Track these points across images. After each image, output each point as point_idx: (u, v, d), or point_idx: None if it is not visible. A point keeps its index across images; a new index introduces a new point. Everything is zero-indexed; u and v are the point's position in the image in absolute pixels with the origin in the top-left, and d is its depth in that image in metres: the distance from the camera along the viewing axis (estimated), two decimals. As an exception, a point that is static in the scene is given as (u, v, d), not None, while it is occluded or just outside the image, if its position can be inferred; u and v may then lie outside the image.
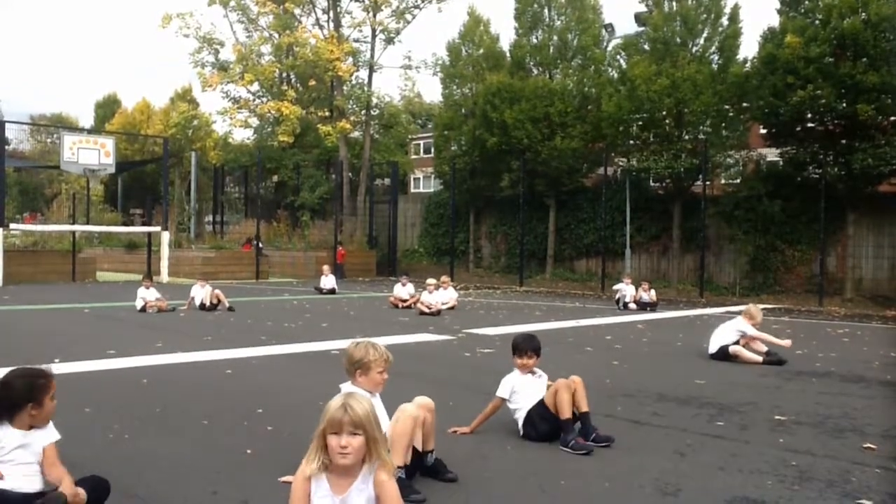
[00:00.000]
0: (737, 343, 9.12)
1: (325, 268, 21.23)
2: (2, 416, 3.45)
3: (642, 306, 16.67)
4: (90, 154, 23.04)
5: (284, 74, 35.82)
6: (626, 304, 16.78)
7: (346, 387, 4.10)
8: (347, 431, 2.83)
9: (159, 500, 3.89)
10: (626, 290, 17.09)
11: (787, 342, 9.19)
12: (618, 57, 26.34)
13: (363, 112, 34.83)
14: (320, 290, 20.13)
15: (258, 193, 30.97)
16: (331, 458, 2.87)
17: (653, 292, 17.27)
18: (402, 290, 16.42)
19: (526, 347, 5.32)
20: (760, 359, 8.89)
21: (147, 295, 14.21)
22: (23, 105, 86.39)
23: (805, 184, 21.87)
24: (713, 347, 9.26)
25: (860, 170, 19.78)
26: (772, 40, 21.27)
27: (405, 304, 15.93)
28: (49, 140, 58.72)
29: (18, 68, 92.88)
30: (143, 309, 13.93)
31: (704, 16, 23.79)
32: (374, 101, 34.95)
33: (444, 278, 16.62)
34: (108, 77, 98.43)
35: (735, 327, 9.26)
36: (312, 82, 34.14)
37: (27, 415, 3.45)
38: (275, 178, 37.69)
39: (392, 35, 34.70)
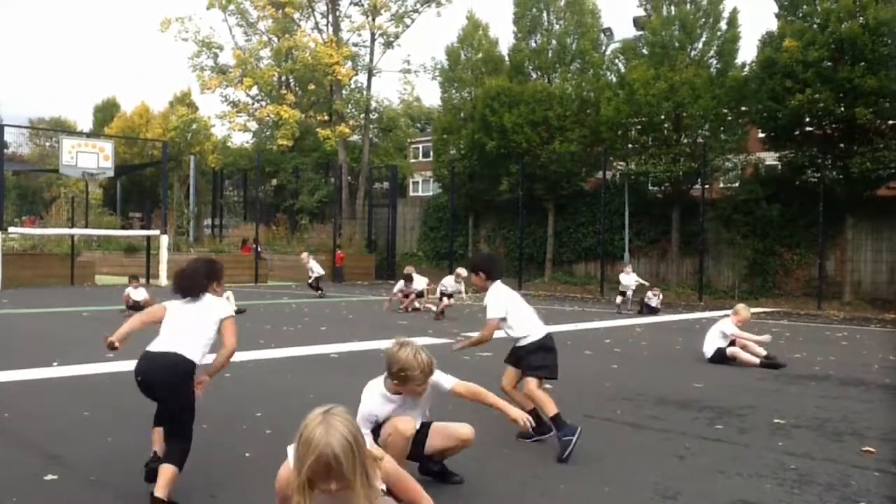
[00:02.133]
0: (731, 343, 9.15)
1: (304, 255, 20.63)
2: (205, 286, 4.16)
3: (647, 309, 16.60)
4: (89, 158, 23.04)
5: (283, 78, 35.86)
6: (628, 300, 16.79)
7: (375, 383, 3.99)
8: (333, 484, 2.54)
9: (158, 503, 3.87)
10: (627, 279, 17.10)
11: (765, 337, 9.35)
12: (616, 61, 26.42)
13: (362, 116, 34.89)
14: (312, 286, 19.95)
15: (257, 197, 30.98)
16: None
17: (661, 296, 17.17)
18: (419, 280, 16.01)
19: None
20: (758, 361, 8.90)
21: (134, 295, 13.98)
22: (21, 107, 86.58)
23: (804, 187, 21.90)
24: (708, 351, 9.31)
25: (859, 173, 19.81)
26: (770, 44, 21.32)
27: (418, 295, 15.68)
28: (48, 143, 58.73)
29: (17, 70, 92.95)
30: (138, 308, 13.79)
31: (703, 20, 23.84)
32: (374, 104, 35.02)
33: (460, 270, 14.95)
34: (106, 80, 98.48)
35: (719, 328, 9.31)
36: (311, 86, 34.19)
37: (212, 290, 4.27)
38: (274, 181, 37.70)
39: (391, 39, 34.81)
